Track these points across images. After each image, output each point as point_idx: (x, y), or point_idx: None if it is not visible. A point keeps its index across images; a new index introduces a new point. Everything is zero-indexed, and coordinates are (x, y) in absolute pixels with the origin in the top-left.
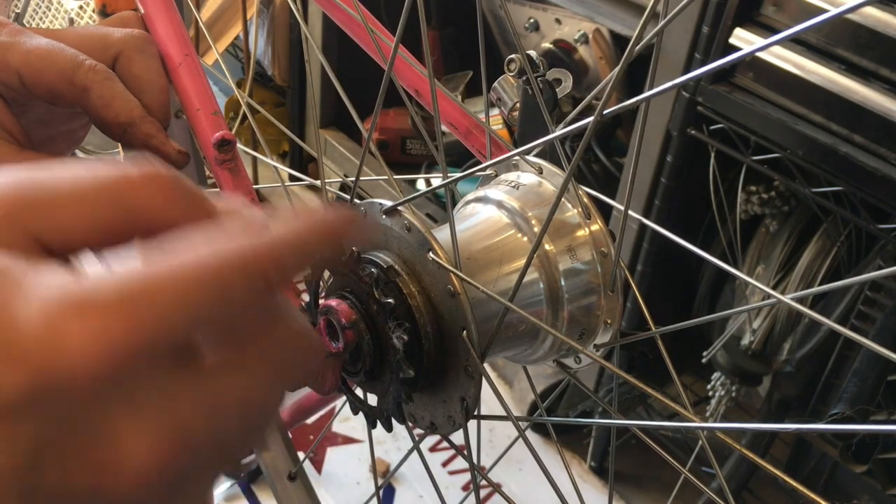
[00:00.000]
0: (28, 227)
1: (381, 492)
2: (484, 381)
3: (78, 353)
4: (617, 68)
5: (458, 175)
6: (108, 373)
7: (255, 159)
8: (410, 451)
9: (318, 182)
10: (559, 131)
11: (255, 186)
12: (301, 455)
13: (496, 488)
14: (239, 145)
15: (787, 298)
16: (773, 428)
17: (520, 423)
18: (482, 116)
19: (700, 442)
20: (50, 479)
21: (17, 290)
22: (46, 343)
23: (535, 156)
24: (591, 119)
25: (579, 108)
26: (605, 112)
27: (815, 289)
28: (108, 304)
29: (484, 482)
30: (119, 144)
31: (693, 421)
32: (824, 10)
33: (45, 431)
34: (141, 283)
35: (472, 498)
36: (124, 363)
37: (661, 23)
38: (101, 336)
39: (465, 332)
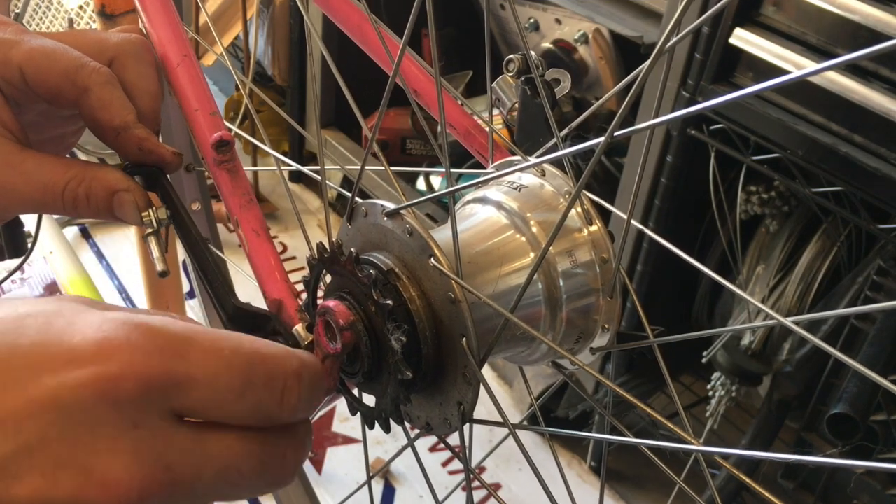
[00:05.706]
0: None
1: (381, 492)
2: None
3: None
4: (628, 97)
5: (465, 184)
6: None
7: (254, 159)
8: (405, 448)
9: (318, 178)
10: (570, 149)
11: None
12: None
13: (491, 492)
14: (238, 130)
15: (788, 322)
16: (766, 456)
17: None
18: (481, 116)
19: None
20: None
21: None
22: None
23: (537, 157)
24: (601, 140)
25: (582, 118)
26: (615, 134)
27: (815, 314)
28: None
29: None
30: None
31: (689, 441)
32: (823, 10)
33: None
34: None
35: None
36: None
37: (673, 39)
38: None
39: (464, 339)
